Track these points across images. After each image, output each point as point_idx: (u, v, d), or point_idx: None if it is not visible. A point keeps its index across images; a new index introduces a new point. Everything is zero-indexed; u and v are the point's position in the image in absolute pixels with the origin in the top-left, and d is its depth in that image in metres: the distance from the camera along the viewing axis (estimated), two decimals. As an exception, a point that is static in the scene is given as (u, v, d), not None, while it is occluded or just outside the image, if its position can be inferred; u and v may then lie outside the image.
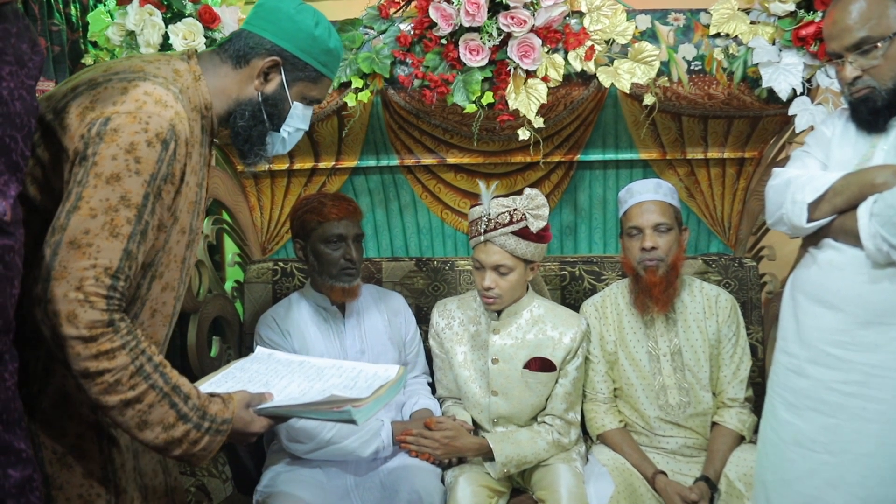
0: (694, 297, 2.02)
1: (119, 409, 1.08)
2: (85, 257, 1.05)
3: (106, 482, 1.22)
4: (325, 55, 1.35)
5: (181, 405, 1.13)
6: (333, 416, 1.24)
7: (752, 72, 1.98)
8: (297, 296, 2.09)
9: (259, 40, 1.31)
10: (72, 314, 1.03)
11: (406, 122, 2.23)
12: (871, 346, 1.40)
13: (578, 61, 1.95)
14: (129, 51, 1.94)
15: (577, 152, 2.35)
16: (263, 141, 1.36)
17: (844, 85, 1.47)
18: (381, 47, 1.98)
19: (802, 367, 1.49)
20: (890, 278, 1.38)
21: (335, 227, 1.96)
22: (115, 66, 1.19)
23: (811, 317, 1.50)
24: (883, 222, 1.35)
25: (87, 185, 1.06)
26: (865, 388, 1.40)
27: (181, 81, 1.22)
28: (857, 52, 1.42)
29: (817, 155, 1.57)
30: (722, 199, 2.42)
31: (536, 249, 1.90)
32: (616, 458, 1.94)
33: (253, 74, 1.31)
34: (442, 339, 2.08)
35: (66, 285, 1.04)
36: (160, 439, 1.11)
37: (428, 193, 2.46)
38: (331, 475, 1.90)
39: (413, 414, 2.03)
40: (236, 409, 1.21)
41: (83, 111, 1.11)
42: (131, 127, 1.09)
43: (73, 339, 1.04)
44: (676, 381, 1.97)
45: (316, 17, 1.34)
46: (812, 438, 1.47)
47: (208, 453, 1.17)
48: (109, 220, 1.06)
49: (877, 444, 1.39)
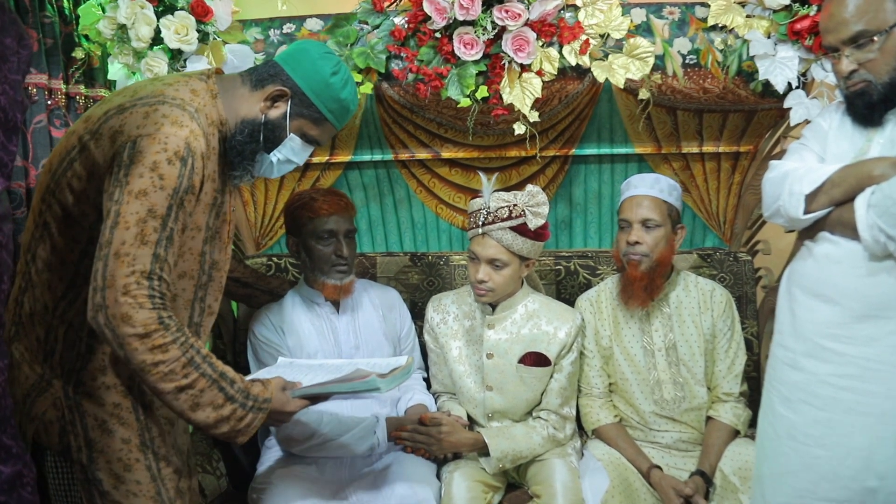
0: (689, 292, 2.02)
1: (174, 395, 1.25)
2: (125, 265, 1.21)
3: (144, 448, 1.39)
4: (333, 102, 1.47)
5: (228, 388, 1.31)
6: (360, 386, 1.44)
7: (747, 66, 1.97)
8: (291, 292, 2.08)
9: (280, 71, 1.45)
10: (126, 315, 1.20)
11: (400, 116, 2.22)
12: (867, 340, 1.40)
13: (573, 55, 1.94)
14: (121, 44, 1.92)
15: (572, 146, 2.34)
16: (254, 158, 1.47)
17: (840, 78, 1.47)
18: (376, 42, 1.96)
19: (797, 360, 1.50)
20: (887, 271, 1.38)
21: (326, 222, 1.95)
22: (140, 91, 1.36)
23: (807, 310, 1.49)
24: (880, 213, 1.35)
25: (123, 203, 1.23)
26: (859, 382, 1.40)
27: (197, 101, 1.36)
28: (854, 45, 1.41)
29: (814, 148, 1.56)
30: (717, 193, 2.42)
31: (533, 247, 1.90)
32: (611, 453, 1.94)
33: (262, 98, 1.44)
34: (437, 334, 2.07)
35: (116, 292, 1.21)
36: (211, 418, 1.29)
37: (422, 188, 2.45)
38: (325, 471, 1.90)
39: (408, 409, 2.03)
40: (274, 391, 1.39)
41: (114, 134, 1.29)
42: (153, 147, 1.25)
43: (130, 337, 1.21)
44: (671, 376, 1.97)
45: (337, 68, 1.47)
46: (805, 432, 1.47)
47: (251, 429, 1.35)
48: (140, 230, 1.23)
49: (870, 437, 1.39)
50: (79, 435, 1.37)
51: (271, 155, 1.48)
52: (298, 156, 1.51)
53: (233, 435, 1.33)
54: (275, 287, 2.13)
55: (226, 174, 1.47)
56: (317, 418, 1.85)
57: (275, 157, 1.48)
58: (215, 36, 1.95)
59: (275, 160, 1.48)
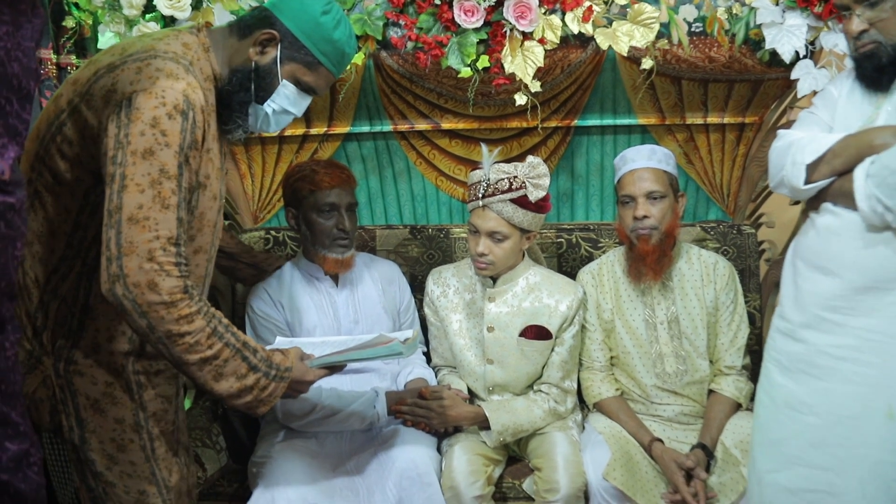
0: (692, 265, 2.00)
1: (198, 366, 1.21)
2: (146, 230, 1.15)
3: (138, 428, 1.35)
4: (326, 43, 1.38)
5: (251, 357, 1.27)
6: (383, 351, 1.45)
7: (754, 34, 1.93)
8: (290, 265, 2.06)
9: (269, 16, 1.38)
10: (152, 283, 1.15)
11: (399, 86, 2.18)
12: (867, 311, 1.39)
13: (576, 23, 1.90)
14: (112, 12, 1.88)
15: (574, 117, 2.31)
16: (244, 111, 1.39)
17: (850, 39, 1.44)
18: (374, 8, 1.92)
19: (796, 331, 1.49)
20: (886, 242, 1.36)
21: (328, 195, 1.92)
22: (129, 48, 1.28)
23: (809, 282, 1.48)
24: (878, 183, 1.33)
25: (127, 164, 1.16)
26: (858, 353, 1.40)
27: (190, 54, 1.30)
28: (865, 3, 1.38)
29: (823, 116, 1.53)
30: (721, 165, 2.39)
31: (534, 219, 1.87)
32: (612, 426, 1.93)
33: (251, 44, 1.37)
34: (437, 308, 2.06)
35: (138, 258, 1.14)
36: (234, 388, 1.25)
37: (422, 160, 2.42)
38: (325, 445, 1.89)
39: (408, 383, 2.02)
40: (294, 360, 1.37)
41: (107, 93, 1.22)
42: (150, 102, 1.18)
43: (157, 305, 1.15)
44: (673, 349, 1.96)
45: (329, 7, 1.38)
46: (802, 401, 1.47)
47: (273, 399, 1.32)
48: (157, 192, 1.16)
49: (862, 406, 1.39)
50: (70, 414, 1.33)
51: (265, 105, 1.40)
52: (295, 105, 1.42)
53: (254, 405, 1.29)
54: (261, 261, 2.06)
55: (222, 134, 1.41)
56: (316, 393, 1.84)
57: (269, 108, 1.40)
58: (208, 2, 1.91)
59: (269, 111, 1.40)
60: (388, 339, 1.47)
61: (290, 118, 1.45)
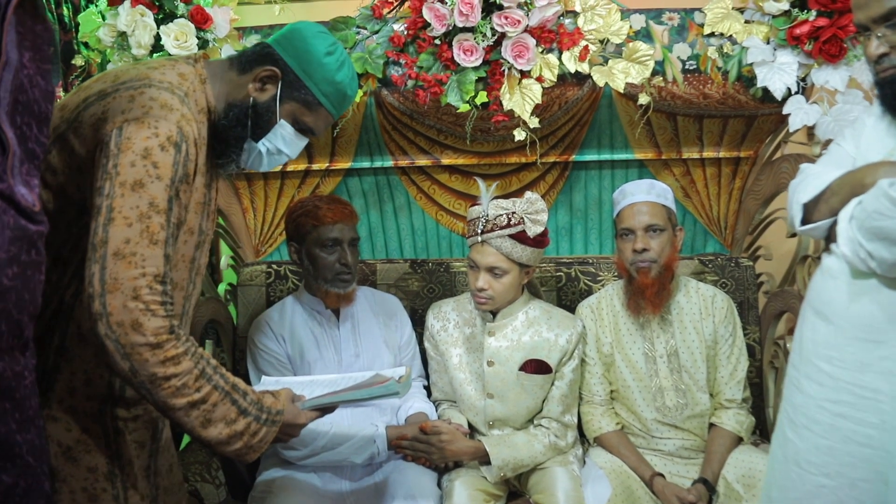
0: (690, 298, 2.01)
1: (185, 411, 1.14)
2: (132, 266, 1.09)
3: (112, 477, 1.25)
4: (328, 84, 1.35)
5: (241, 401, 1.20)
6: (378, 391, 1.37)
7: (746, 71, 1.97)
8: (292, 299, 2.07)
9: (270, 52, 1.34)
10: (136, 323, 1.08)
11: (400, 122, 2.21)
12: (858, 365, 1.30)
13: (573, 61, 1.93)
14: (121, 52, 1.93)
15: (572, 152, 2.34)
16: (239, 146, 1.35)
17: (870, 62, 1.31)
18: (375, 47, 1.96)
19: (801, 381, 1.41)
20: (873, 290, 1.27)
21: (331, 230, 1.94)
22: (122, 76, 1.23)
23: (810, 329, 1.40)
24: (859, 226, 1.24)
25: (115, 196, 1.10)
26: (855, 411, 1.30)
27: (186, 85, 1.25)
28: (887, 24, 1.25)
29: (847, 147, 1.42)
30: (718, 198, 2.41)
31: (533, 254, 1.89)
32: (613, 461, 1.92)
33: (251, 80, 1.33)
34: (437, 342, 2.06)
35: (122, 296, 1.07)
36: (223, 434, 1.18)
37: (422, 195, 2.45)
38: (325, 480, 1.88)
39: (408, 418, 2.01)
40: (285, 402, 1.29)
41: (96, 122, 1.16)
42: (142, 133, 1.13)
43: (140, 347, 1.08)
44: (673, 383, 1.96)
45: (333, 48, 1.35)
46: (808, 459, 1.38)
47: (264, 445, 1.24)
48: (145, 227, 1.11)
49: (871, 470, 1.29)
50: None
51: (260, 144, 1.35)
52: (290, 147, 1.37)
53: (244, 452, 1.21)
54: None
55: (213, 168, 1.36)
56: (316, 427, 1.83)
57: (263, 147, 1.35)
58: (214, 43, 1.95)
59: (263, 150, 1.36)
60: (383, 378, 1.42)
61: (283, 159, 1.40)
